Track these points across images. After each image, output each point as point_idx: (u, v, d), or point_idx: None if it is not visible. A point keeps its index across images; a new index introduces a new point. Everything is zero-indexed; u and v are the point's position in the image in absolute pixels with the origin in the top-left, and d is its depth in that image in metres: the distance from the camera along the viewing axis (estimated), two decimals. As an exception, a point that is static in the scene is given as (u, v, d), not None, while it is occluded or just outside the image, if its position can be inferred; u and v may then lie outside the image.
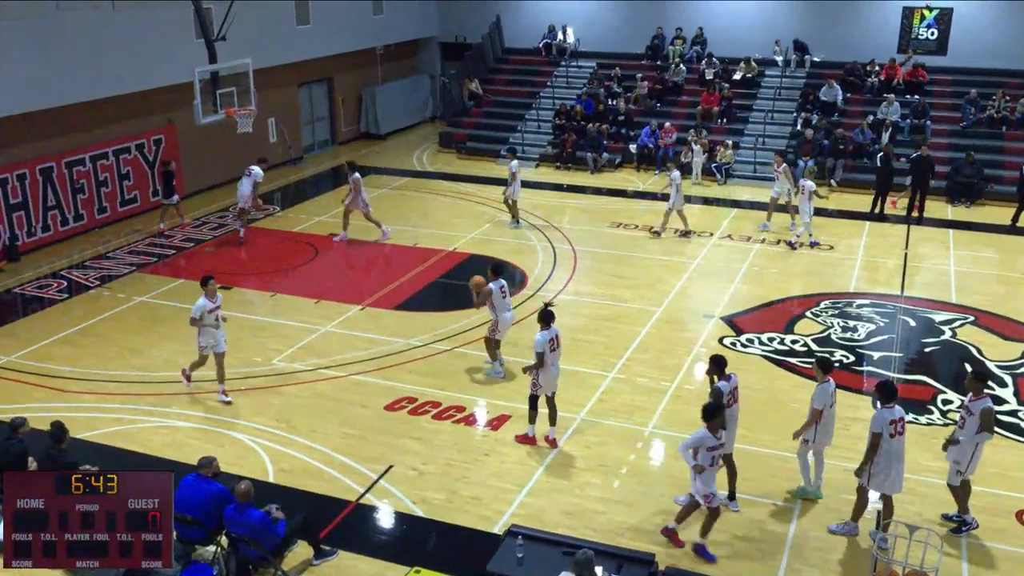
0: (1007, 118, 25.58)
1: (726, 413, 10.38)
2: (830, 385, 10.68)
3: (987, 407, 9.98)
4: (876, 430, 9.85)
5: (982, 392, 10.16)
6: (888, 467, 9.95)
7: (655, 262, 19.28)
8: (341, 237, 20.56)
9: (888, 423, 9.82)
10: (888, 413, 9.87)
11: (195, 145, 23.42)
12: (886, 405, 9.92)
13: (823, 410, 10.57)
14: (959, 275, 18.60)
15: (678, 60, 29.86)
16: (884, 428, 9.82)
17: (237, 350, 14.90)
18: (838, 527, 10.47)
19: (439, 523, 10.60)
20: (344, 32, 28.42)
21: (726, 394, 10.54)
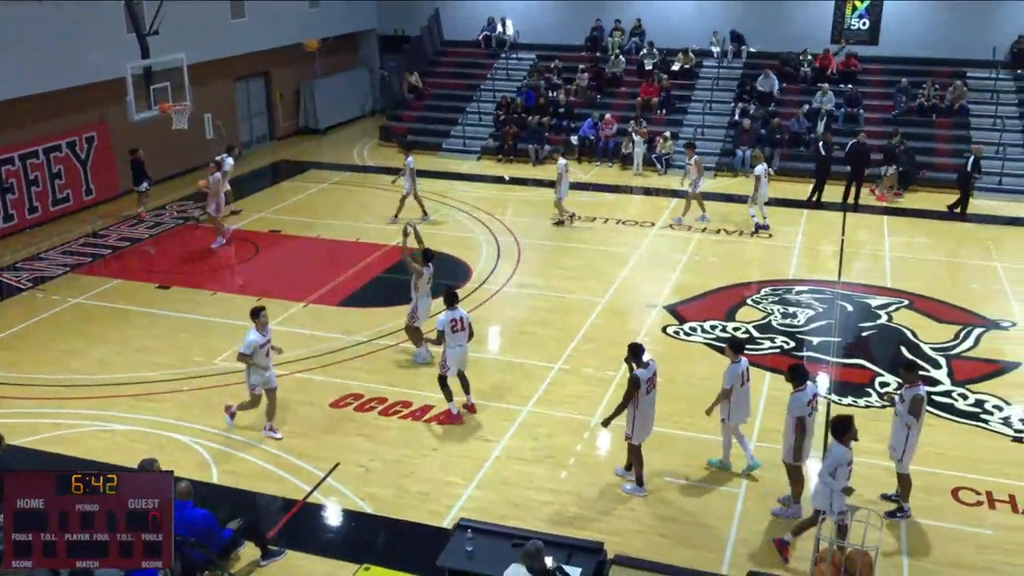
0: (936, 106, 26.24)
1: (644, 399, 10.63)
2: (740, 365, 11.00)
3: (918, 395, 10.21)
4: (799, 414, 10.16)
5: (915, 381, 10.37)
6: (805, 443, 10.36)
7: (599, 253, 19.41)
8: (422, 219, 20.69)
9: (805, 404, 10.19)
10: (803, 395, 10.21)
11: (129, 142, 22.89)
12: (799, 388, 10.24)
13: (732, 389, 10.88)
14: (894, 260, 19.05)
15: (617, 52, 30.06)
16: (803, 410, 10.16)
17: (179, 350, 14.68)
18: (782, 511, 10.68)
19: (388, 519, 10.57)
20: (280, 26, 28.04)
21: (644, 381, 10.71)
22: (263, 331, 11.68)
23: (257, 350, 11.58)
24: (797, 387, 10.25)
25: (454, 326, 12.27)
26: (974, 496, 11.02)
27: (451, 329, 12.25)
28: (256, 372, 11.77)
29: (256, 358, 11.64)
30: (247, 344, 11.54)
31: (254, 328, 11.61)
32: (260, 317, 11.66)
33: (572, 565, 8.42)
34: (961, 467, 11.55)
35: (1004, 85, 26.77)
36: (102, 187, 22.74)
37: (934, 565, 9.84)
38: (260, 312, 11.73)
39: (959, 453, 11.88)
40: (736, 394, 10.99)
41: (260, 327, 11.64)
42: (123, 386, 13.62)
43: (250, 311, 11.86)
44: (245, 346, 11.56)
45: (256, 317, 11.66)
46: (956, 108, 26.06)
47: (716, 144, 26.61)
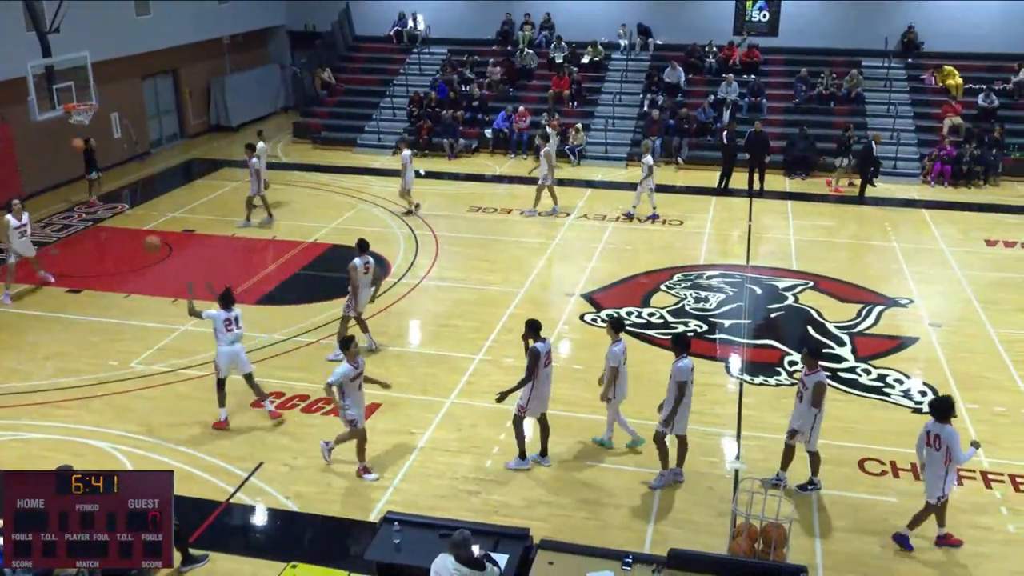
0: (834, 94, 27.23)
1: (541, 374, 11.08)
2: (621, 344, 11.39)
3: (819, 380, 10.54)
4: (682, 379, 10.61)
5: (816, 367, 10.70)
6: (685, 412, 10.84)
7: (516, 244, 19.65)
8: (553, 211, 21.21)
9: (689, 371, 10.65)
10: (687, 362, 10.67)
11: (33, 143, 22.20)
12: (681, 356, 10.69)
13: (618, 367, 11.30)
14: (799, 244, 19.76)
15: (527, 45, 30.31)
16: (688, 376, 10.63)
17: (93, 355, 14.38)
18: (657, 481, 11.10)
19: (314, 516, 10.59)
20: (188, 22, 27.50)
21: (543, 355, 11.08)
22: (354, 362, 11.06)
23: (348, 383, 11.01)
24: (680, 356, 10.70)
25: (228, 325, 12.25)
26: (879, 466, 11.55)
27: (224, 328, 12.19)
28: (355, 404, 11.13)
29: (349, 391, 11.03)
30: (337, 375, 10.93)
31: (346, 360, 10.98)
32: (351, 347, 11.07)
33: (499, 552, 8.46)
34: (866, 439, 12.08)
35: (896, 73, 27.95)
36: (6, 188, 21.92)
37: (844, 533, 10.29)
38: (351, 343, 11.14)
39: (864, 426, 12.42)
40: (621, 372, 11.44)
41: (351, 358, 11.00)
42: (35, 394, 13.29)
43: (340, 342, 11.32)
44: (336, 376, 10.94)
45: (347, 348, 11.07)
46: (853, 96, 27.09)
47: (626, 135, 27.11)
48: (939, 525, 10.08)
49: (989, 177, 24.25)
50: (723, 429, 12.42)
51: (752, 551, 9.33)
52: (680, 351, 10.73)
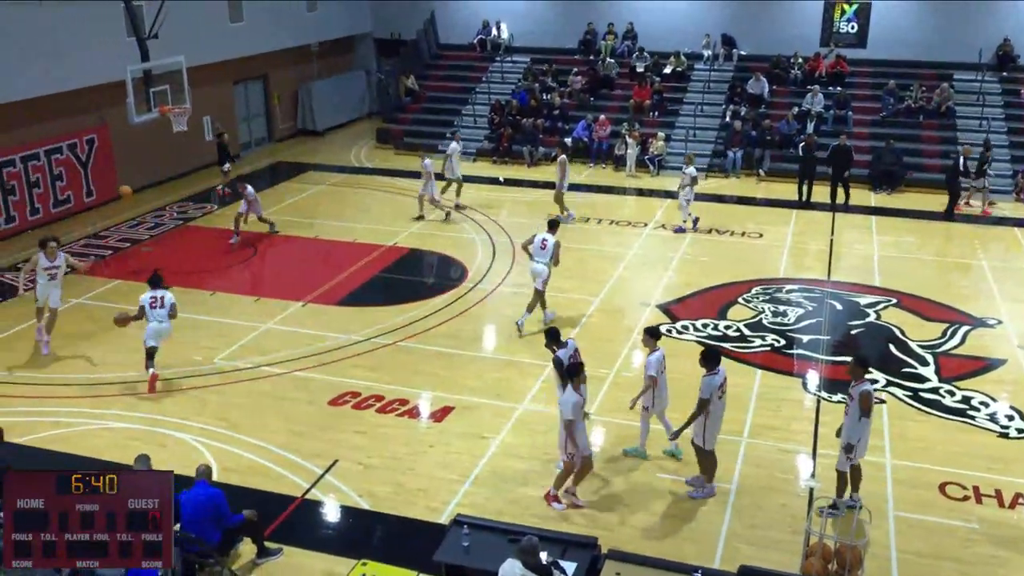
0: (924, 108, 26.54)
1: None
2: (660, 352, 11.45)
3: (865, 390, 10.29)
4: (705, 396, 10.55)
5: (862, 377, 10.43)
6: (715, 426, 10.75)
7: (593, 253, 19.63)
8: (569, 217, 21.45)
9: (717, 388, 10.55)
10: (714, 379, 10.58)
11: (129, 144, 23.07)
12: (711, 372, 10.62)
13: (657, 376, 11.31)
14: (882, 259, 19.30)
15: (609, 55, 30.27)
16: (712, 393, 10.52)
17: (177, 349, 14.83)
18: (697, 492, 11.04)
19: (386, 515, 10.72)
20: (278, 29, 28.23)
21: (567, 359, 11.24)
22: (580, 390, 10.55)
23: (579, 412, 10.48)
24: (710, 371, 10.63)
25: (152, 303, 13.56)
26: (961, 491, 11.21)
27: (150, 305, 13.55)
28: (581, 434, 10.60)
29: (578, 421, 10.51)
30: (571, 408, 10.28)
31: (570, 387, 10.47)
32: (580, 375, 10.61)
33: (567, 560, 8.48)
34: (948, 462, 11.74)
35: (989, 87, 27.08)
36: (102, 189, 22.90)
37: (922, 558, 10.01)
38: (580, 370, 10.67)
39: (946, 449, 12.07)
40: (659, 381, 11.42)
41: (576, 386, 10.46)
42: (123, 385, 13.79)
43: (568, 368, 10.76)
44: (570, 411, 10.27)
45: (576, 375, 10.55)
46: (943, 110, 26.34)
47: (707, 146, 26.85)
48: None
49: (1086, 194, 23.33)
50: (798, 446, 12.21)
51: (825, 572, 9.15)
52: (710, 366, 10.67)
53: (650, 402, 11.52)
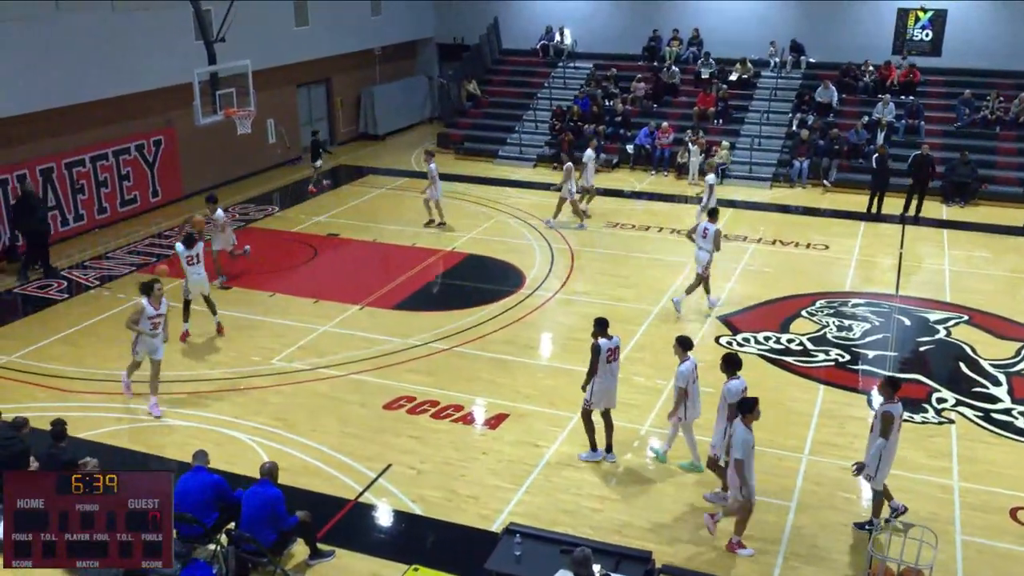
0: (1001, 118, 25.73)
1: (606, 368, 11.35)
2: (691, 362, 11.19)
3: (886, 410, 9.98)
4: (732, 401, 10.30)
5: (892, 397, 10.11)
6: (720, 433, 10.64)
7: (652, 261, 19.39)
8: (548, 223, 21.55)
9: (741, 392, 10.43)
10: (738, 383, 10.50)
11: (195, 146, 23.49)
12: (733, 377, 10.53)
13: (687, 387, 11.13)
14: (953, 274, 18.71)
15: (673, 61, 29.97)
16: (737, 399, 10.30)
17: (235, 349, 14.99)
18: (712, 496, 10.93)
19: (437, 521, 10.67)
20: (342, 33, 28.51)
21: (604, 351, 11.31)
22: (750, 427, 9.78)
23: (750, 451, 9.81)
24: (731, 376, 10.54)
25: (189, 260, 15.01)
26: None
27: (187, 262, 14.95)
28: (751, 475, 9.90)
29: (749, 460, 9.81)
30: (743, 446, 9.64)
31: (740, 422, 9.77)
32: (754, 411, 9.84)
33: (620, 573, 8.39)
34: (1020, 487, 11.32)
35: (1072, 98, 26.12)
36: (168, 189, 23.35)
37: (989, 585, 9.68)
38: (755, 406, 9.84)
39: (1018, 472, 11.65)
40: (690, 391, 11.23)
41: (748, 422, 9.76)
42: (183, 383, 13.96)
43: (740, 404, 9.98)
44: (741, 449, 9.65)
45: (750, 411, 9.79)
46: (1021, 121, 25.50)
47: (773, 155, 26.39)
48: None
49: None
50: (862, 465, 11.84)
51: (888, 596, 8.88)
52: (731, 371, 10.59)
53: (683, 413, 11.35)
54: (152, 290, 12.78)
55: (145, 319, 12.77)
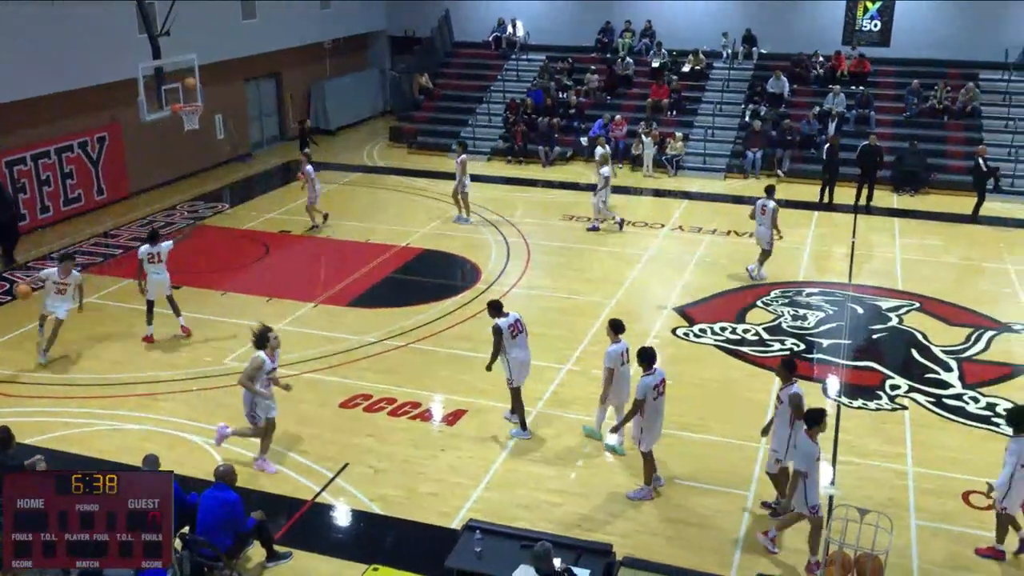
0: (949, 108, 26.15)
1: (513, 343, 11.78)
2: (621, 345, 11.41)
3: (795, 393, 10.07)
4: (640, 396, 10.48)
5: (790, 379, 10.21)
6: (653, 425, 10.69)
7: (609, 254, 19.40)
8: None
9: (652, 388, 10.50)
10: (650, 379, 10.53)
11: (141, 143, 23.01)
12: (647, 372, 10.54)
13: (615, 369, 11.36)
14: (905, 262, 18.98)
15: (626, 53, 30.03)
16: (648, 393, 10.47)
17: (188, 350, 14.71)
18: (636, 493, 10.95)
19: (397, 520, 10.57)
20: (291, 26, 28.13)
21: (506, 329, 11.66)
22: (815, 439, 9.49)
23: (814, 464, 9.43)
24: (646, 371, 10.55)
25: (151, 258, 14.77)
26: (985, 500, 10.93)
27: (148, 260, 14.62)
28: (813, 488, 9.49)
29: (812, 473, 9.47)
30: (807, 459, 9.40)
31: (805, 435, 9.48)
32: (821, 423, 9.51)
33: (581, 567, 8.38)
34: (972, 471, 11.47)
35: (1016, 87, 26.62)
36: (114, 187, 22.86)
37: (944, 569, 9.79)
38: (823, 417, 9.52)
39: (970, 457, 11.81)
40: (617, 374, 11.39)
41: (814, 435, 9.45)
42: (133, 385, 13.67)
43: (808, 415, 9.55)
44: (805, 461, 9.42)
45: (818, 423, 9.47)
46: (968, 110, 25.94)
47: (726, 146, 26.56)
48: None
49: (1114, 197, 22.94)
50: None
51: (845, 582, 8.93)
52: (646, 366, 10.62)
53: (610, 394, 11.58)
54: (268, 340, 11.11)
55: (263, 376, 11.15)
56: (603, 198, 20.57)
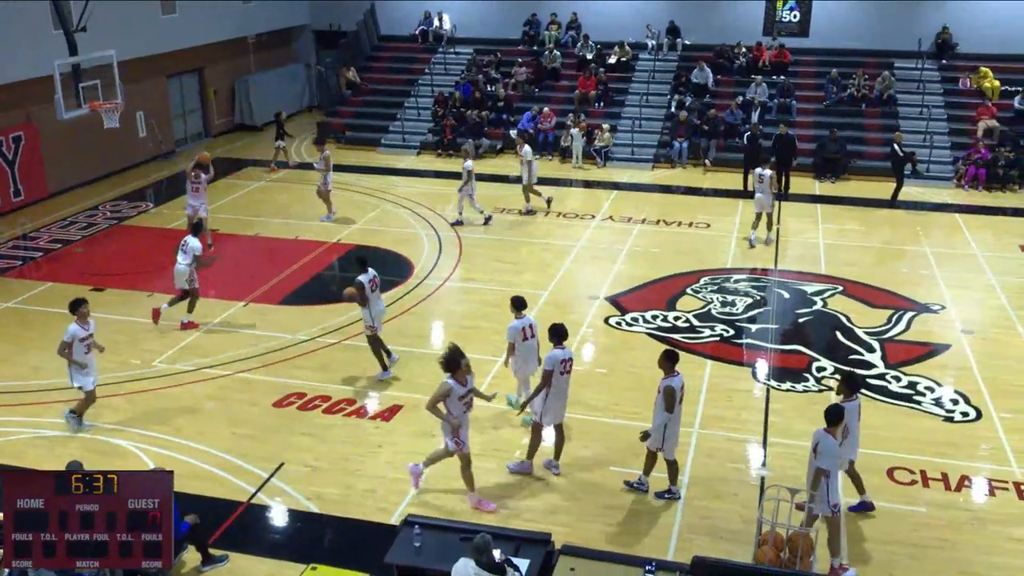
0: (867, 96, 26.88)
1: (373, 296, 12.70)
2: (524, 320, 12.00)
3: (667, 384, 10.32)
4: (548, 368, 10.77)
5: (671, 370, 10.45)
6: (557, 402, 10.98)
7: (540, 246, 19.51)
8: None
9: (560, 362, 10.81)
10: (560, 353, 10.84)
11: (59, 142, 22.35)
12: (558, 346, 10.85)
13: (515, 343, 11.90)
14: (827, 247, 19.48)
15: (553, 45, 30.18)
16: (556, 366, 10.77)
17: (115, 353, 14.37)
18: (514, 465, 11.32)
19: (335, 518, 10.52)
20: (213, 21, 27.61)
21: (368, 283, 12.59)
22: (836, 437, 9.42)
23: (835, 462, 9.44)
24: (557, 345, 10.87)
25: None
26: (909, 475, 11.34)
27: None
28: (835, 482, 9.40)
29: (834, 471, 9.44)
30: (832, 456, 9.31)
31: (826, 432, 9.35)
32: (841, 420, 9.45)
33: (520, 557, 8.42)
34: (896, 447, 11.85)
35: (930, 75, 27.52)
36: (31, 188, 22.16)
37: (871, 543, 10.09)
38: (841, 414, 9.47)
39: (893, 434, 12.19)
40: (520, 348, 11.91)
41: (836, 434, 9.37)
42: (58, 391, 13.30)
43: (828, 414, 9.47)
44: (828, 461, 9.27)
45: (837, 420, 9.39)
46: (885, 98, 26.71)
47: (654, 136, 26.90)
48: None
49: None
50: (749, 435, 12.23)
51: (778, 560, 9.17)
52: (557, 340, 10.87)
53: (514, 367, 12.13)
54: (460, 365, 10.16)
55: (455, 400, 10.24)
56: (469, 191, 20.49)
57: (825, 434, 9.42)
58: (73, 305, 12.00)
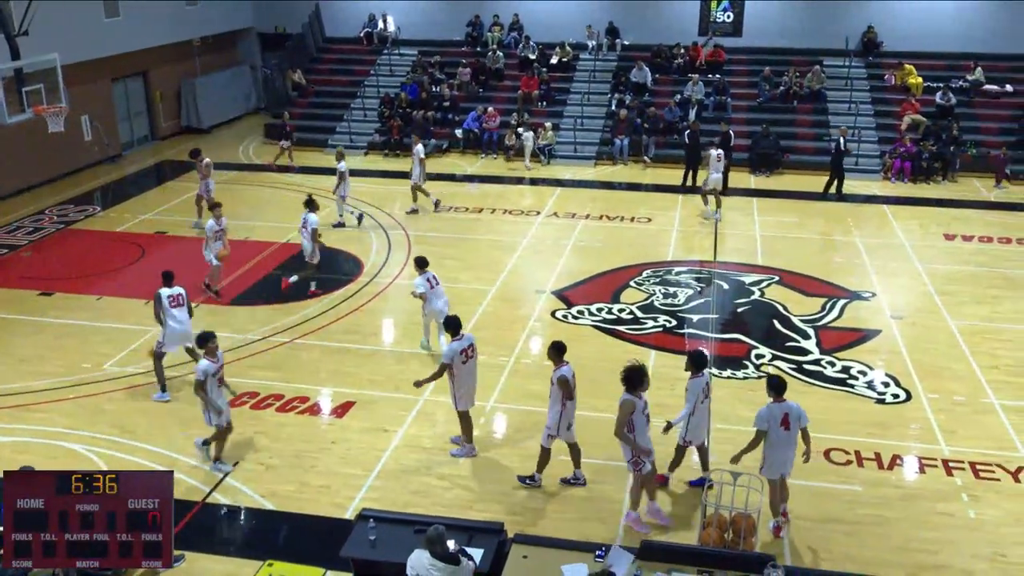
0: (798, 92, 27.65)
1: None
2: (426, 275, 13.89)
3: (560, 375, 10.69)
4: (447, 360, 11.29)
5: (560, 361, 10.75)
6: (465, 388, 11.47)
7: (487, 243, 19.81)
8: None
9: (459, 352, 11.26)
10: (458, 344, 11.30)
11: (3, 147, 22.06)
12: (456, 338, 11.33)
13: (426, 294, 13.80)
14: (764, 239, 20.09)
15: (496, 46, 30.47)
16: (455, 357, 11.22)
17: (63, 357, 14.35)
18: (459, 451, 11.82)
19: (290, 514, 10.66)
20: (157, 25, 27.39)
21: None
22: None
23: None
24: (454, 337, 11.34)
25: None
26: (844, 456, 11.81)
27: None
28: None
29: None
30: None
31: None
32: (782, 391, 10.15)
33: (474, 547, 8.52)
34: (831, 430, 12.31)
35: (857, 72, 28.41)
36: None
37: (810, 522, 10.48)
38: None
39: (829, 417, 12.64)
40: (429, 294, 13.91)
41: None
42: (7, 397, 13.27)
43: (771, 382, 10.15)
44: None
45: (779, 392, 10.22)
46: (815, 94, 27.49)
47: (595, 134, 27.36)
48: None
49: (947, 173, 24.82)
50: (692, 422, 12.60)
51: (722, 541, 9.52)
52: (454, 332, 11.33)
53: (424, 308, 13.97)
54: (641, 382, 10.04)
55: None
56: (343, 193, 20.67)
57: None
58: (201, 339, 11.25)
